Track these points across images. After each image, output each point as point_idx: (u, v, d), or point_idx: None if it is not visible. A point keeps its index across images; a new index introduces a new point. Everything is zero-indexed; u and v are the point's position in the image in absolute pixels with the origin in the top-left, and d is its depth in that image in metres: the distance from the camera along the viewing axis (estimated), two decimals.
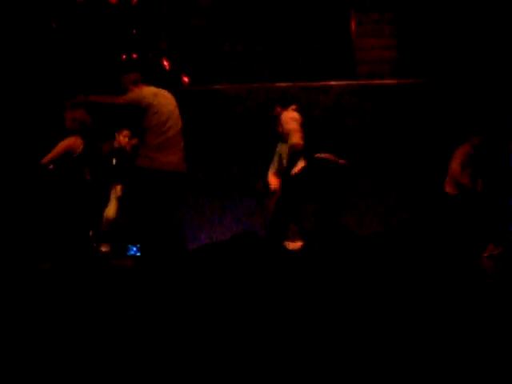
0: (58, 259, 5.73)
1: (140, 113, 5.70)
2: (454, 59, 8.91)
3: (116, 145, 7.71)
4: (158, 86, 8.92)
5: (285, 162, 6.42)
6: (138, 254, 6.78)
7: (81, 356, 2.70)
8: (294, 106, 6.34)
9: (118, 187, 7.51)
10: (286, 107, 6.37)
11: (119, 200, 7.48)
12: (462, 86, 8.50)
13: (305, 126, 6.13)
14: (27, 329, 2.86)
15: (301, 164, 6.11)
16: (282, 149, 6.71)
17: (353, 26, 9.35)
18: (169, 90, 8.82)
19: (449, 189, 7.65)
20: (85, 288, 2.99)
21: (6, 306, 3.06)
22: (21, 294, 3.18)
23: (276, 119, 6.37)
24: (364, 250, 3.35)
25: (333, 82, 8.85)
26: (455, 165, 7.56)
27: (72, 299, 2.92)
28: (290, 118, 6.16)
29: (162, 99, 5.89)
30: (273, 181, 6.96)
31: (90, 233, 7.15)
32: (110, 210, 7.41)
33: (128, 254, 6.96)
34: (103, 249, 7.25)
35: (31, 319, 2.91)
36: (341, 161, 5.99)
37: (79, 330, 2.82)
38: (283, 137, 6.25)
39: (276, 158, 7.00)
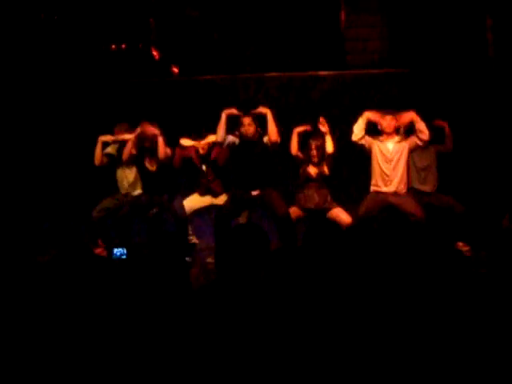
0: (57, 251, 5.72)
1: None
2: (443, 49, 8.92)
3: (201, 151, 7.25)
4: (147, 76, 8.98)
5: None
6: (124, 256, 6.75)
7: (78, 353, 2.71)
8: None
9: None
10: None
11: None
12: (452, 76, 8.53)
13: None
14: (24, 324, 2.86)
15: None
16: None
17: (342, 16, 9.34)
18: (158, 81, 8.89)
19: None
20: (83, 281, 2.97)
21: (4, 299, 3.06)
22: (18, 287, 3.17)
23: None
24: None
25: (323, 72, 8.85)
26: None
27: (69, 292, 2.91)
28: None
29: None
30: None
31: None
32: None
33: (113, 257, 6.88)
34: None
35: (28, 313, 2.90)
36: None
37: (76, 325, 2.81)
38: None
39: None
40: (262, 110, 6.83)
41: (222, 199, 7.14)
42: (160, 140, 6.94)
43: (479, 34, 8.90)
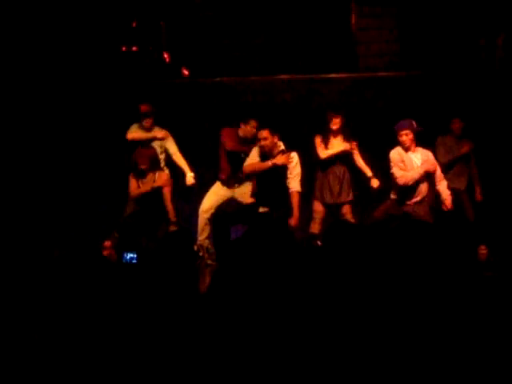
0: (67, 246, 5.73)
1: None
2: (454, 51, 8.90)
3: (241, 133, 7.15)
4: (158, 78, 9.00)
5: None
6: (134, 261, 6.76)
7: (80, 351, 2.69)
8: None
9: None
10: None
11: None
12: (463, 78, 8.50)
13: None
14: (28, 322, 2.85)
15: None
16: None
17: (353, 18, 9.33)
18: (169, 83, 8.90)
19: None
20: (90, 282, 2.96)
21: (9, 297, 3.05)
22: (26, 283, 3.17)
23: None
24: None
25: (334, 75, 8.83)
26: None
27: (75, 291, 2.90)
28: None
29: None
30: None
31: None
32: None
33: (123, 261, 6.90)
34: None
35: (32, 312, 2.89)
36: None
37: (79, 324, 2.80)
38: None
39: None
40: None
41: (241, 191, 7.12)
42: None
43: (490, 36, 8.87)
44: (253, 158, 6.69)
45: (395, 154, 6.87)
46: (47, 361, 2.67)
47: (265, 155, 6.63)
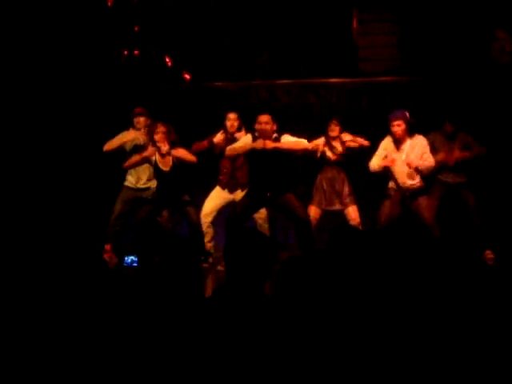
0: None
1: None
2: (456, 57, 8.90)
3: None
4: (159, 82, 9.02)
5: None
6: (135, 264, 6.72)
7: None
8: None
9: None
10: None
11: None
12: (465, 84, 8.51)
13: None
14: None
15: None
16: None
17: (355, 23, 9.35)
18: (170, 87, 8.92)
19: None
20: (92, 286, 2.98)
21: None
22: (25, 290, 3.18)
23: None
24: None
25: (335, 80, 8.85)
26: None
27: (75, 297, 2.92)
28: None
29: None
30: None
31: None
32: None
33: (124, 264, 6.88)
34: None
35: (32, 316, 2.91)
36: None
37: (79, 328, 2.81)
38: None
39: None
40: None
41: (242, 194, 7.10)
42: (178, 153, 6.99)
43: (490, 42, 8.88)
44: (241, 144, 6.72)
45: (385, 142, 6.91)
46: (47, 365, 2.69)
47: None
